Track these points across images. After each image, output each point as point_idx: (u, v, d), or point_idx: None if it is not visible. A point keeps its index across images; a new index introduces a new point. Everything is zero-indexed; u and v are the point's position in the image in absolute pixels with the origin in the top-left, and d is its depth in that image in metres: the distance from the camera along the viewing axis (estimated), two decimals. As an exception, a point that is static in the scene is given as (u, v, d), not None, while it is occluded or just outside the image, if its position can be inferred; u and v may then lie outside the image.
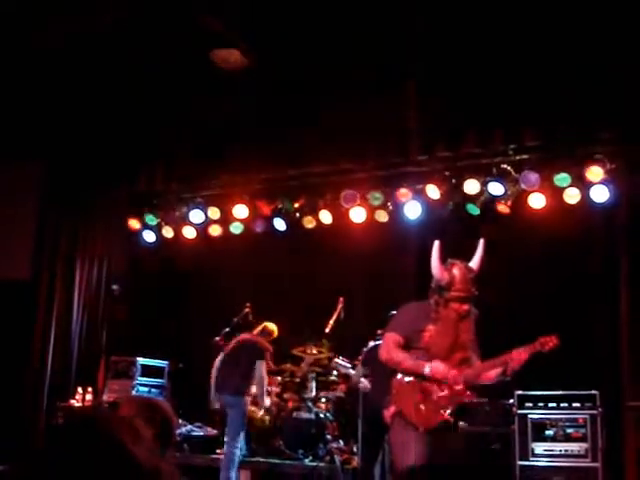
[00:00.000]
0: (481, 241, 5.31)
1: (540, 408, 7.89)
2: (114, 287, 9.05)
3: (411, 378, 5.12)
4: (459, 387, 5.03)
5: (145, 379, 10.03)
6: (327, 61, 8.65)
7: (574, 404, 7.79)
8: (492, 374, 5.17)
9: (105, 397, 9.84)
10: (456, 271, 5.07)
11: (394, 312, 6.11)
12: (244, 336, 8.62)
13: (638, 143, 8.04)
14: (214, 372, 8.66)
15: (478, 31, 7.97)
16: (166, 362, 10.34)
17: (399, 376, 5.16)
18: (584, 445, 7.61)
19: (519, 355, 5.03)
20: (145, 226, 10.77)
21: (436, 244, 5.22)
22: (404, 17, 7.85)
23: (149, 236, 10.82)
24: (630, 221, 8.11)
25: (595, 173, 8.17)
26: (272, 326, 8.77)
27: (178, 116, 9.76)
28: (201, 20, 7.84)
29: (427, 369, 5.01)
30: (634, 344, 7.95)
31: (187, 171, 10.33)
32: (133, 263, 11.14)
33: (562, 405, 7.84)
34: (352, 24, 7.99)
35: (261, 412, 8.87)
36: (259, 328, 8.77)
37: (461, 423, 5.27)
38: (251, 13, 7.82)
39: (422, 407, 5.01)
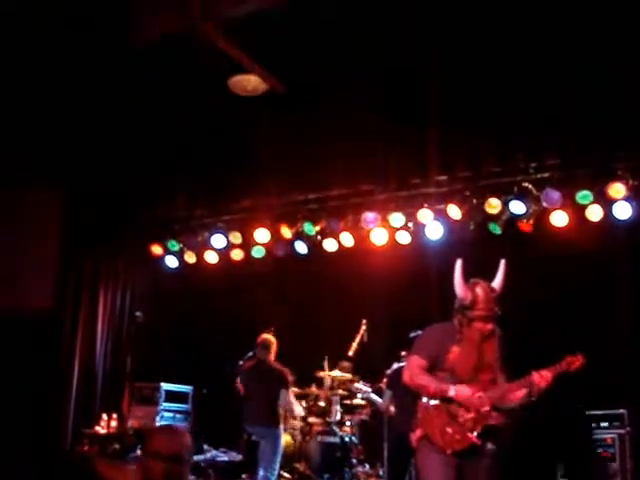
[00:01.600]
0: (502, 262, 5.29)
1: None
2: (137, 314, 9.09)
3: (436, 401, 5.07)
4: (485, 409, 4.99)
5: (169, 404, 10.03)
6: (346, 82, 8.68)
7: (602, 424, 7.71)
8: (518, 396, 5.12)
9: (130, 423, 9.85)
10: (479, 290, 5.05)
11: (414, 333, 6.09)
12: (262, 363, 8.51)
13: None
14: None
15: (498, 50, 7.97)
16: (190, 387, 10.34)
17: (424, 399, 5.12)
18: (613, 465, 7.52)
19: (540, 377, 4.98)
20: (167, 252, 10.83)
21: (458, 263, 5.20)
22: (425, 36, 7.88)
23: (172, 262, 10.87)
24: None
25: (617, 190, 8.12)
26: (269, 337, 8.63)
27: (198, 142, 9.82)
28: (219, 47, 7.90)
29: (452, 392, 4.97)
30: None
31: (208, 196, 10.38)
32: (156, 289, 11.18)
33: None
34: (371, 43, 8.02)
35: (295, 423, 8.82)
36: (260, 342, 8.58)
37: (489, 445, 5.20)
38: (267, 38, 7.88)
39: (449, 430, 4.96)
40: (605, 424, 7.69)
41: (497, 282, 5.21)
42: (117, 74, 8.55)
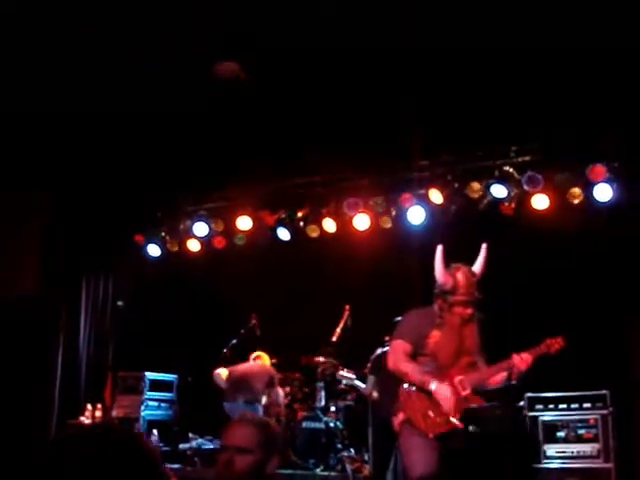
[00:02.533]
0: (483, 245, 5.32)
1: (551, 410, 7.85)
2: (119, 303, 9.07)
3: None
4: (467, 392, 5.02)
5: (154, 394, 10.02)
6: (329, 67, 8.65)
7: (585, 405, 7.76)
8: (498, 378, 5.16)
9: (115, 413, 9.84)
10: (459, 275, 5.08)
11: (399, 318, 6.10)
12: (252, 367, 8.79)
13: (640, 140, 8.03)
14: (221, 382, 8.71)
15: (479, 33, 7.96)
16: (175, 376, 10.33)
17: (406, 384, 5.15)
18: (596, 446, 7.57)
19: (520, 359, 5.02)
20: (150, 240, 10.78)
21: (439, 249, 5.22)
22: (406, 20, 7.85)
23: (154, 250, 10.83)
24: (634, 219, 8.07)
25: (598, 172, 8.14)
26: (265, 357, 8.93)
27: (179, 130, 9.77)
28: (201, 32, 7.85)
29: (433, 387, 4.98)
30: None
31: (190, 184, 10.33)
32: (139, 277, 11.15)
33: (573, 406, 7.80)
34: (353, 30, 7.99)
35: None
36: (253, 357, 8.92)
37: (471, 428, 5.23)
38: (252, 24, 7.83)
39: (430, 414, 4.99)
40: (588, 405, 7.74)
41: (478, 266, 5.24)
42: (94, 63, 8.48)
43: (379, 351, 7.69)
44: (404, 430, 5.11)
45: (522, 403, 7.93)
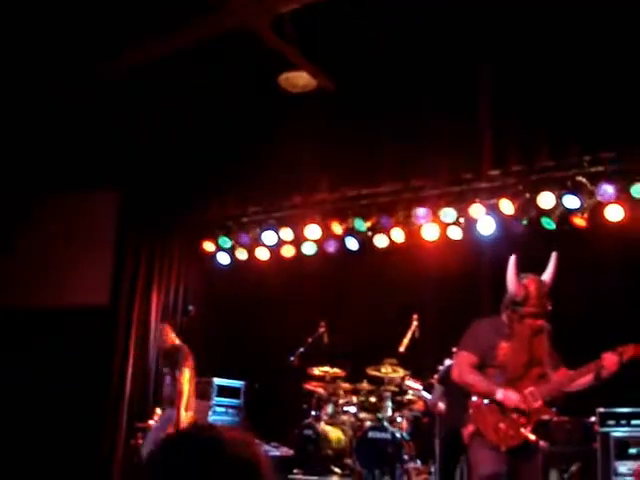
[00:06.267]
0: (554, 254, 5.24)
1: (623, 425, 7.67)
2: (190, 308, 9.19)
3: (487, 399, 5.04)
4: (538, 404, 4.94)
5: (222, 399, 10.11)
6: (399, 79, 8.65)
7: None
8: (584, 380, 5.07)
9: (183, 418, 9.94)
10: (531, 286, 5.01)
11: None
12: None
13: None
14: None
15: (551, 43, 7.88)
16: (242, 382, 10.41)
17: (475, 396, 5.09)
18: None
19: (610, 358, 4.93)
20: (219, 249, 10.91)
21: (512, 259, 5.16)
22: (477, 31, 7.82)
23: (223, 258, 10.96)
24: None
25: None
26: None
27: (248, 139, 9.87)
28: (269, 44, 7.91)
29: (500, 395, 4.93)
30: None
31: (259, 193, 10.41)
32: (208, 285, 11.28)
33: (645, 422, 7.63)
34: (423, 40, 7.98)
35: None
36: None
37: (542, 442, 5.15)
38: (318, 33, 7.89)
39: (501, 426, 4.92)
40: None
41: (548, 275, 5.17)
42: (164, 75, 8.64)
43: (447, 362, 7.62)
44: (474, 442, 5.05)
45: (593, 418, 7.78)
